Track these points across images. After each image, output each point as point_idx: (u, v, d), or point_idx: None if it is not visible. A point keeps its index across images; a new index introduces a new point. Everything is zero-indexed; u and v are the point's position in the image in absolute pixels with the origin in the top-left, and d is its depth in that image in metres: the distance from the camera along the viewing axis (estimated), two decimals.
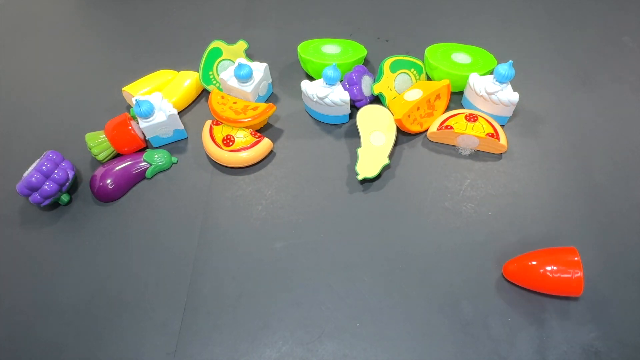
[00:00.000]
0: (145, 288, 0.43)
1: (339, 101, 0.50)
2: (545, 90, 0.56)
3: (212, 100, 0.52)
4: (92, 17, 0.72)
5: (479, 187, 0.48)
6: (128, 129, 0.50)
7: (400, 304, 0.40)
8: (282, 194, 0.49)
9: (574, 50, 0.60)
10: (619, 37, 0.61)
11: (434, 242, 0.44)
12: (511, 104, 0.49)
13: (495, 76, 0.49)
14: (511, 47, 0.60)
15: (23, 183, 0.45)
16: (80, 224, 0.48)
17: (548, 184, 0.48)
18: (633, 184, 0.47)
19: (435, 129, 0.50)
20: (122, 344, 0.40)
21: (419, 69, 0.55)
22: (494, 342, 0.38)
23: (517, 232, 0.44)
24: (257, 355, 0.39)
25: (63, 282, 0.44)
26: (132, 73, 0.58)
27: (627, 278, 0.41)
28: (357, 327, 0.39)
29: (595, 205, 0.46)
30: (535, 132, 0.52)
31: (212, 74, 0.56)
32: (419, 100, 0.49)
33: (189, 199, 0.49)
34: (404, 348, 0.38)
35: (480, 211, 0.46)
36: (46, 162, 0.46)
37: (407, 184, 0.49)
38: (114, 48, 0.66)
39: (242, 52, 0.58)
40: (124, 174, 0.49)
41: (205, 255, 0.45)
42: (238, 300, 0.42)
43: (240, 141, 0.50)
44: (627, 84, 0.56)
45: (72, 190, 0.50)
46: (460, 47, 0.56)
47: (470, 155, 0.50)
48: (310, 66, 0.56)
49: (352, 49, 0.58)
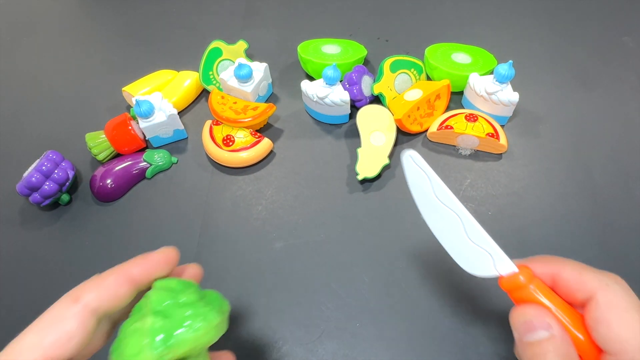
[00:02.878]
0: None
1: (339, 101, 0.50)
2: (545, 90, 0.56)
3: (212, 100, 0.52)
4: (92, 17, 0.72)
5: (479, 187, 0.48)
6: (128, 129, 0.50)
7: (400, 304, 0.40)
8: (282, 194, 0.49)
9: (574, 50, 0.60)
10: (619, 37, 0.61)
11: (434, 242, 0.44)
12: (511, 104, 0.49)
13: (495, 76, 0.49)
14: (511, 47, 0.60)
15: (23, 183, 0.45)
16: (80, 224, 0.48)
17: (548, 184, 0.48)
18: (633, 184, 0.47)
19: (435, 129, 0.50)
20: None
21: (419, 69, 0.55)
22: (495, 342, 0.38)
23: (517, 232, 0.44)
24: (257, 355, 0.39)
25: (63, 282, 0.44)
26: (132, 73, 0.58)
27: (627, 278, 0.41)
28: (357, 327, 0.39)
29: (596, 205, 0.46)
30: (535, 132, 0.52)
31: (212, 74, 0.56)
32: (419, 100, 0.49)
33: (189, 199, 0.49)
34: (404, 348, 0.38)
35: (480, 211, 0.46)
36: (46, 162, 0.46)
37: (407, 183, 0.49)
38: (114, 48, 0.66)
39: (242, 52, 0.58)
40: (124, 174, 0.49)
41: (205, 255, 0.45)
42: (238, 300, 0.42)
43: (240, 141, 0.50)
44: (627, 84, 0.56)
45: (72, 190, 0.50)
46: (460, 47, 0.56)
47: (470, 155, 0.50)
48: (310, 66, 0.56)
49: (352, 49, 0.58)
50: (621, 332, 0.22)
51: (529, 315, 0.24)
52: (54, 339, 0.21)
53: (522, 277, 0.25)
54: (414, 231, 0.45)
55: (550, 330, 0.24)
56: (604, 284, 0.24)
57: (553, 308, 0.25)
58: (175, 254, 0.26)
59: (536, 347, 0.24)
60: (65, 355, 0.21)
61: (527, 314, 0.24)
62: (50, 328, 0.21)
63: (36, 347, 0.20)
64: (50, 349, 0.21)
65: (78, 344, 0.21)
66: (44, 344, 0.21)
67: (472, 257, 0.27)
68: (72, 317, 0.22)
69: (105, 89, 0.59)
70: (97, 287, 0.23)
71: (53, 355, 0.20)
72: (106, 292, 0.23)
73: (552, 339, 0.23)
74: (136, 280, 0.24)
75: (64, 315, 0.22)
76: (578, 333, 0.24)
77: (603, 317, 0.23)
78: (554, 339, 0.23)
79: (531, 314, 0.24)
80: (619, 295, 0.24)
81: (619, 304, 0.23)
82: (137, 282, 0.24)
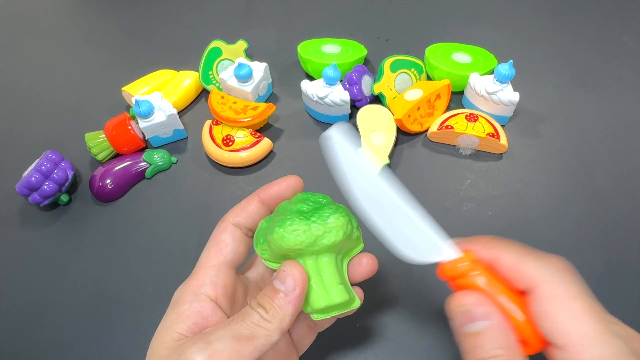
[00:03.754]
0: (145, 288, 0.43)
1: (339, 101, 0.50)
2: (546, 90, 0.56)
3: (211, 100, 0.52)
4: (92, 17, 0.72)
5: (480, 187, 0.48)
6: (127, 129, 0.50)
7: (400, 304, 0.40)
8: None
9: (574, 50, 0.60)
10: (619, 37, 0.61)
11: None
12: (511, 104, 0.49)
13: (495, 76, 0.49)
14: (511, 47, 0.60)
15: (22, 183, 0.45)
16: (80, 224, 0.48)
17: (548, 184, 0.48)
18: (634, 184, 0.47)
19: (435, 129, 0.50)
20: (122, 344, 0.40)
21: (419, 68, 0.55)
22: None
23: (517, 232, 0.44)
24: None
25: (62, 282, 0.44)
26: (132, 73, 0.58)
27: (627, 278, 0.41)
28: (357, 327, 0.39)
29: (596, 205, 0.46)
30: (535, 132, 0.52)
31: (211, 74, 0.56)
32: (419, 100, 0.49)
33: (189, 199, 0.49)
34: (404, 348, 0.38)
35: (481, 211, 0.46)
36: (46, 162, 0.46)
37: (407, 184, 0.48)
38: (114, 48, 0.66)
39: (242, 51, 0.58)
40: (124, 174, 0.49)
41: None
42: None
43: (240, 141, 0.50)
44: (627, 83, 0.56)
45: (71, 190, 0.50)
46: (461, 47, 0.56)
47: (471, 155, 0.50)
48: (310, 66, 0.56)
49: (352, 49, 0.58)
50: (565, 326, 0.22)
51: (468, 304, 0.23)
52: (215, 251, 0.29)
53: (464, 262, 0.24)
54: None
55: (489, 320, 0.23)
56: (545, 275, 0.23)
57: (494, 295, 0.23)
58: (299, 182, 0.31)
59: (476, 339, 0.23)
60: (228, 259, 0.29)
61: (466, 303, 0.23)
62: (211, 244, 0.29)
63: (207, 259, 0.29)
64: (215, 257, 0.29)
65: (236, 249, 0.29)
66: (210, 255, 0.29)
67: (410, 242, 0.25)
68: (223, 231, 0.29)
69: (104, 88, 0.59)
70: (236, 208, 0.30)
71: (218, 262, 0.28)
72: (241, 209, 0.30)
73: (491, 329, 0.23)
74: (262, 199, 0.30)
75: (218, 232, 0.29)
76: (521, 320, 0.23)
77: (545, 311, 0.22)
78: (493, 329, 0.23)
79: (471, 303, 0.23)
80: (560, 285, 0.22)
81: (561, 295, 0.22)
82: (264, 200, 0.30)
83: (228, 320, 0.25)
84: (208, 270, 0.28)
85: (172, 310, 0.27)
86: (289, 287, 0.25)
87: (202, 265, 0.28)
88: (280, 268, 0.26)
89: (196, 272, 0.28)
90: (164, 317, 0.27)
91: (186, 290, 0.27)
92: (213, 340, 0.23)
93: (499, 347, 0.22)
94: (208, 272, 0.28)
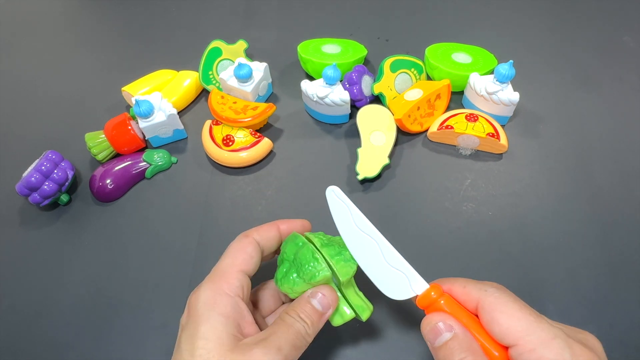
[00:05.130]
0: (145, 288, 0.43)
1: (339, 101, 0.50)
2: (546, 90, 0.56)
3: (211, 100, 0.52)
4: (92, 17, 0.72)
5: (480, 187, 0.48)
6: (127, 129, 0.50)
7: (400, 304, 0.40)
8: (282, 194, 0.49)
9: (574, 50, 0.60)
10: (619, 37, 0.61)
11: (434, 242, 0.44)
12: (511, 104, 0.49)
13: (495, 76, 0.49)
14: (511, 47, 0.60)
15: (22, 183, 0.45)
16: (80, 224, 0.48)
17: (548, 184, 0.48)
18: (634, 184, 0.47)
19: (435, 129, 0.50)
20: (122, 344, 0.40)
21: (419, 68, 0.55)
22: None
23: (517, 232, 0.44)
24: None
25: (62, 282, 0.44)
26: (132, 73, 0.58)
27: (627, 278, 0.41)
28: (357, 327, 0.39)
29: (596, 205, 0.46)
30: (535, 132, 0.52)
31: (211, 74, 0.56)
32: (419, 100, 0.49)
33: (189, 199, 0.49)
34: (404, 348, 0.38)
35: (481, 211, 0.46)
36: (46, 162, 0.46)
37: (407, 184, 0.49)
38: (114, 48, 0.66)
39: (242, 51, 0.58)
40: (124, 174, 0.49)
41: (205, 255, 0.44)
42: None
43: (240, 141, 0.50)
44: (627, 83, 0.56)
45: (71, 190, 0.50)
46: (461, 47, 0.56)
47: (471, 155, 0.50)
48: (310, 66, 0.56)
49: (352, 49, 0.58)
50: (509, 325, 0.25)
51: (435, 321, 0.28)
52: (242, 259, 0.31)
53: (433, 292, 0.29)
54: (414, 231, 0.45)
55: (452, 330, 0.27)
56: (483, 291, 0.27)
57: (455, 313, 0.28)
58: (309, 224, 0.36)
59: (444, 349, 0.27)
60: (250, 269, 0.32)
61: (433, 320, 0.28)
62: (238, 253, 0.32)
63: (233, 265, 0.31)
64: (241, 265, 0.31)
65: (256, 262, 0.32)
66: (237, 262, 0.31)
67: (391, 281, 0.30)
68: (249, 245, 0.32)
69: (104, 88, 0.59)
70: (258, 229, 0.34)
71: (243, 269, 0.31)
72: (264, 232, 0.33)
73: (455, 337, 0.27)
74: (281, 229, 0.34)
75: (244, 244, 0.32)
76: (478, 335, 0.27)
77: (491, 317, 0.26)
78: (457, 337, 0.27)
79: (436, 319, 0.28)
80: (497, 295, 0.27)
81: (499, 302, 0.26)
82: (282, 230, 0.34)
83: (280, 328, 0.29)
84: (236, 274, 0.31)
85: (213, 311, 0.29)
86: (325, 308, 0.31)
87: (228, 270, 0.31)
88: (318, 291, 0.31)
89: (224, 276, 0.30)
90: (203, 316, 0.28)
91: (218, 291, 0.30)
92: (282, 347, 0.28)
93: (464, 351, 0.26)
94: (237, 276, 0.31)
